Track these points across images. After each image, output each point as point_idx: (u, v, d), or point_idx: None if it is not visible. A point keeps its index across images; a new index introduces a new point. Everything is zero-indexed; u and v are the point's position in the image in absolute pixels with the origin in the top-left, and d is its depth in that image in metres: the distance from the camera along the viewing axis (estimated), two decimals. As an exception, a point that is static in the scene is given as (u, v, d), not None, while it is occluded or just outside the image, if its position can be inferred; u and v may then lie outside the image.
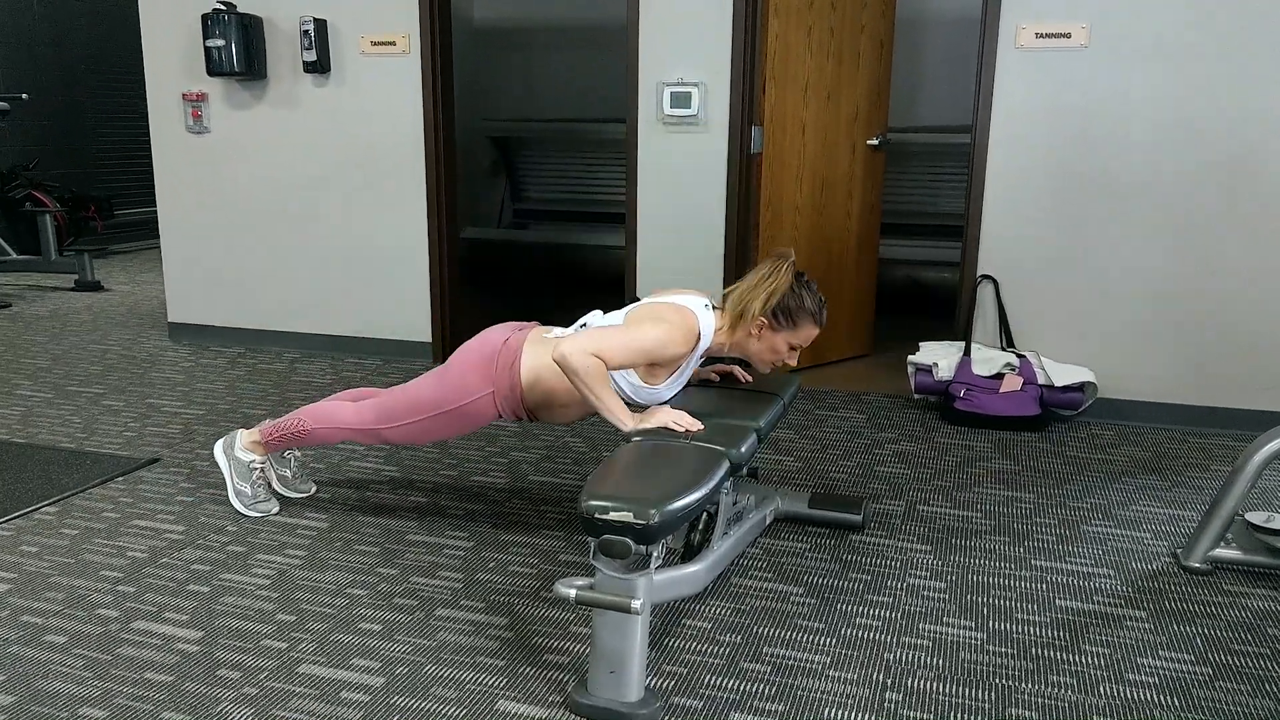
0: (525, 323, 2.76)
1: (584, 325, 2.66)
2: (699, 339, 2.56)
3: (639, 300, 2.68)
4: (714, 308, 2.66)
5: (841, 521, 2.94)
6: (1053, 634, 2.36)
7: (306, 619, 2.40)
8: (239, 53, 4.77)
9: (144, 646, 2.27)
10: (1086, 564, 2.74)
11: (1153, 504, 3.18)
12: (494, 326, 2.75)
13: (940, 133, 5.98)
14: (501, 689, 2.12)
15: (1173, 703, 2.09)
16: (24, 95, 7.97)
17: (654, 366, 2.55)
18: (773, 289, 2.56)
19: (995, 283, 4.12)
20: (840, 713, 2.05)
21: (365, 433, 2.82)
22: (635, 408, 2.56)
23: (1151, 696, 2.11)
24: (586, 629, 2.36)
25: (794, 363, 2.70)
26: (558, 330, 2.69)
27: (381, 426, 2.78)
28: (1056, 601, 2.53)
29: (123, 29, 9.27)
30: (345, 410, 2.85)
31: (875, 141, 4.78)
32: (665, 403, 2.61)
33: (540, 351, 2.63)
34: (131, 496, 3.16)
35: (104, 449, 3.60)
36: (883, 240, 5.64)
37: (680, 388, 2.69)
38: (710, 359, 2.91)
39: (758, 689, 2.13)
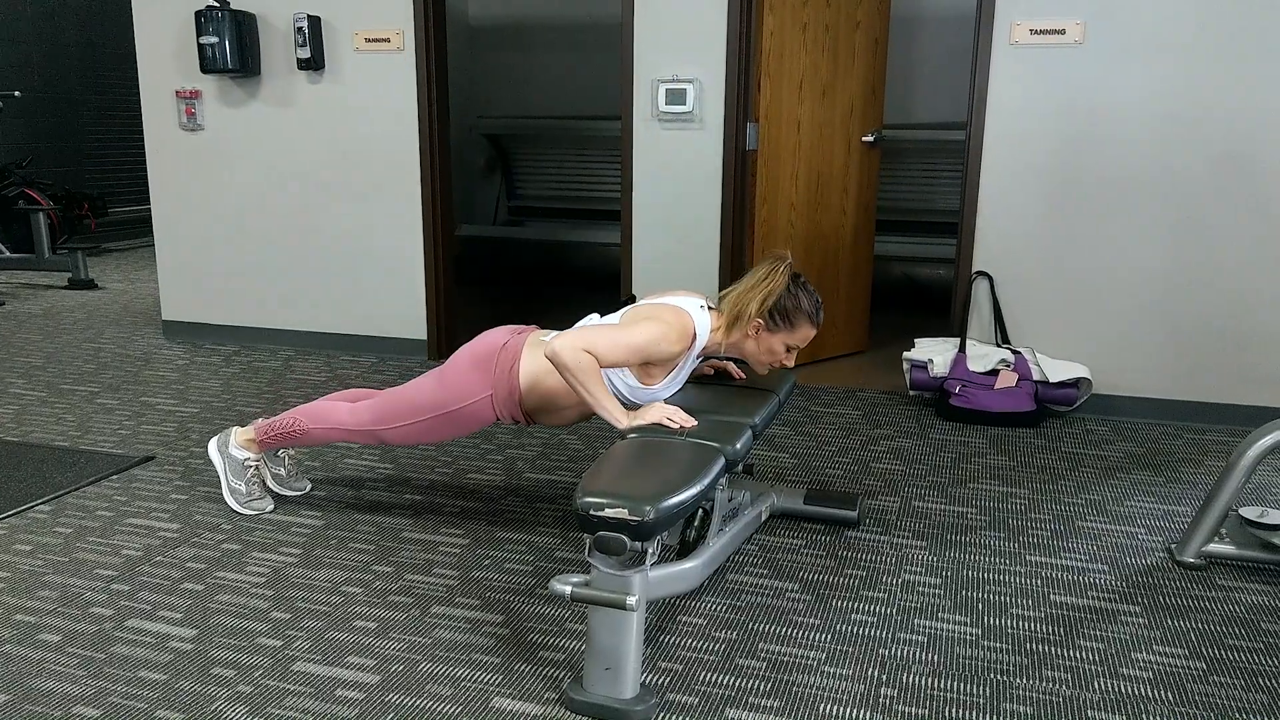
0: (524, 326, 2.76)
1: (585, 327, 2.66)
2: (694, 338, 2.56)
3: (636, 300, 2.67)
4: (709, 308, 2.66)
5: (837, 518, 2.94)
6: (1048, 629, 2.37)
7: (301, 617, 2.40)
8: (232, 50, 4.76)
9: (138, 645, 2.27)
10: (1081, 559, 2.75)
11: (1147, 499, 3.19)
12: (493, 329, 2.75)
13: (935, 129, 5.99)
14: (497, 686, 2.12)
15: (1167, 697, 2.10)
16: (16, 93, 7.95)
17: (649, 366, 2.55)
18: (769, 290, 2.56)
19: (990, 279, 4.12)
20: (836, 708, 2.05)
21: (362, 434, 2.81)
22: (631, 407, 2.56)
23: (1146, 691, 2.12)
24: (582, 626, 2.36)
25: (791, 363, 2.69)
26: (554, 333, 2.69)
27: (379, 428, 2.78)
28: (1051, 597, 2.53)
29: (116, 26, 9.25)
30: (341, 411, 2.84)
31: (870, 138, 4.78)
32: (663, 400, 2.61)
33: (538, 354, 2.62)
34: (126, 495, 3.15)
35: (98, 447, 3.60)
36: (878, 237, 5.65)
37: (678, 388, 2.69)
38: (706, 357, 2.91)
39: (753, 685, 2.13)
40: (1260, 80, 3.70)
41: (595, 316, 2.67)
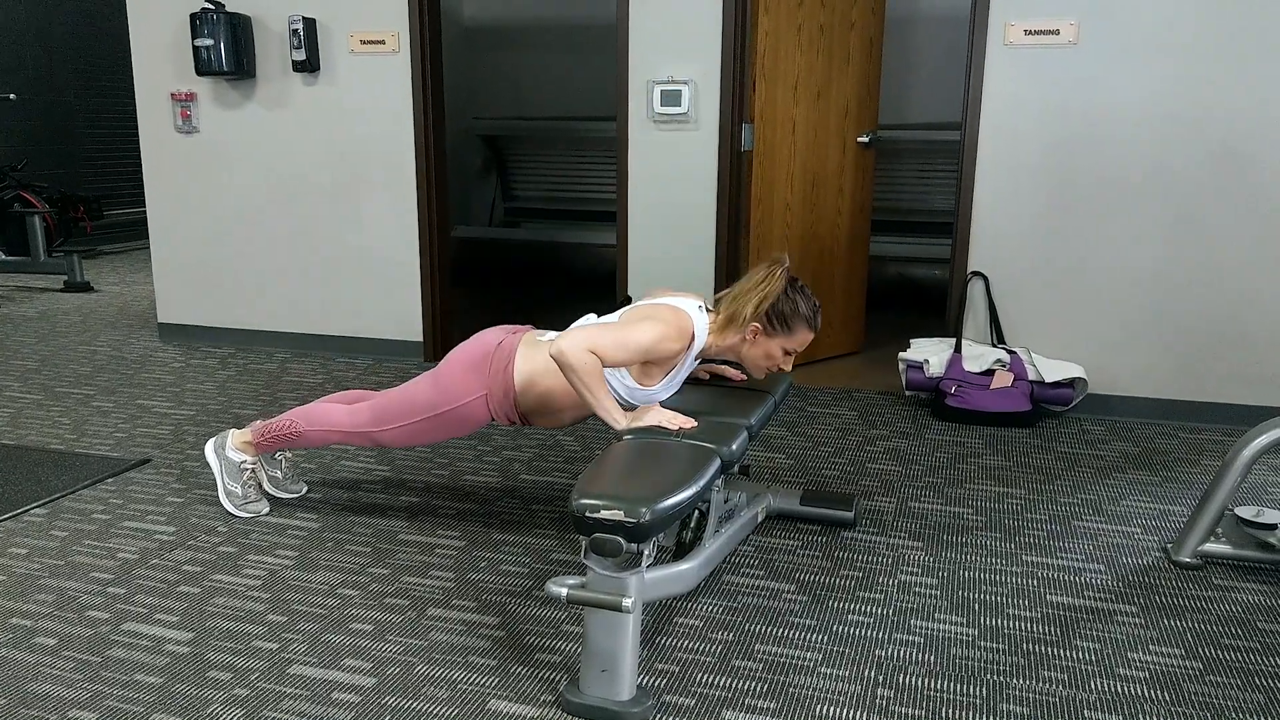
0: (519, 326, 2.76)
1: (583, 328, 2.66)
2: (693, 339, 2.56)
3: (631, 301, 2.68)
4: (706, 310, 2.66)
5: (833, 518, 2.94)
6: (1044, 629, 2.37)
7: (297, 619, 2.40)
8: (228, 52, 4.75)
9: (134, 648, 2.27)
10: (1077, 559, 2.75)
11: (1143, 499, 3.19)
12: (488, 329, 2.75)
13: (930, 130, 6.00)
14: (493, 688, 2.12)
15: (1163, 697, 2.10)
16: (11, 96, 7.94)
17: (648, 366, 2.55)
18: (766, 293, 2.55)
19: (986, 279, 4.13)
20: (832, 709, 2.05)
21: (358, 435, 2.81)
22: (629, 408, 2.56)
23: (1142, 691, 2.12)
24: (578, 628, 2.36)
25: (788, 368, 2.69)
26: (551, 334, 2.69)
27: (375, 429, 2.78)
28: (1047, 597, 2.53)
29: (111, 29, 9.24)
30: (338, 413, 2.83)
31: (865, 139, 4.78)
32: (660, 404, 2.61)
33: (534, 354, 2.63)
34: (121, 498, 3.15)
35: (94, 450, 3.59)
36: (874, 237, 5.66)
37: (675, 390, 2.69)
38: (703, 360, 2.90)
39: (750, 686, 2.13)
40: (1256, 79, 3.71)
41: (592, 317, 2.67)
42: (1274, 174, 3.75)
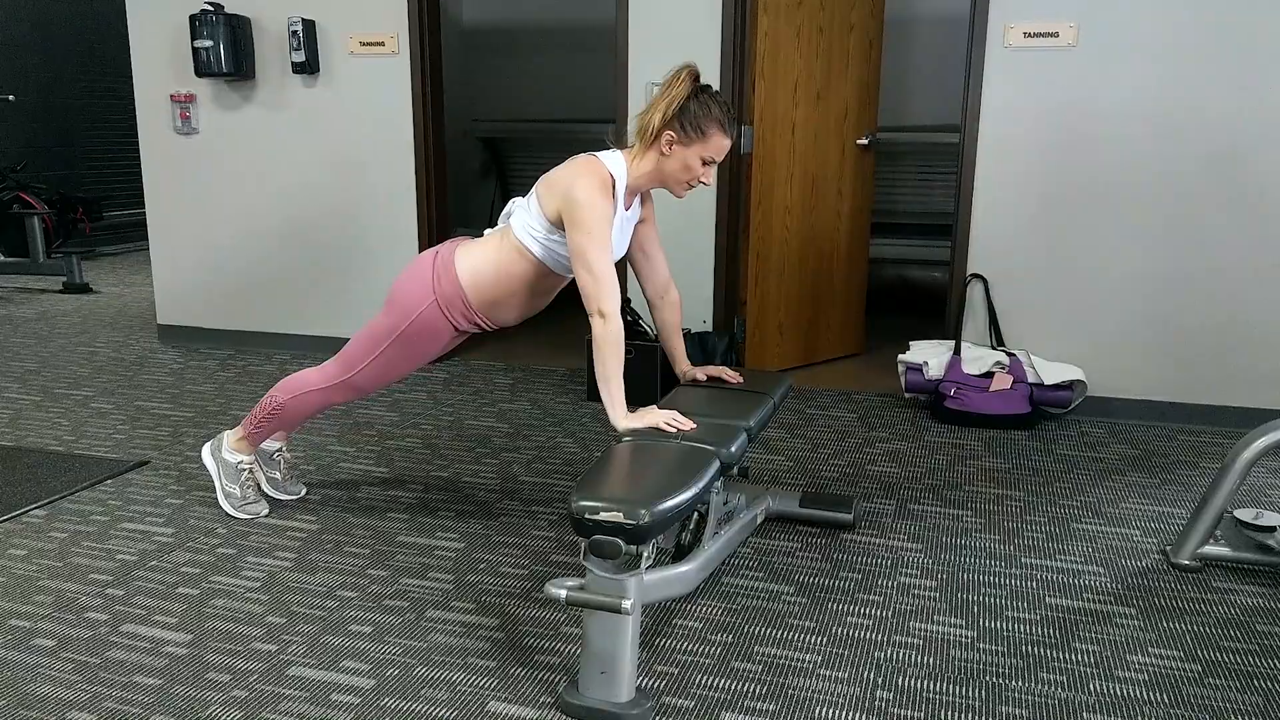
0: (458, 238, 2.79)
1: (510, 215, 2.69)
2: (613, 181, 2.53)
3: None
4: (623, 149, 2.62)
5: (832, 520, 2.94)
6: (1043, 631, 2.37)
7: (296, 621, 2.40)
8: (227, 53, 4.76)
9: (133, 650, 2.26)
10: (1076, 561, 2.75)
11: (1142, 501, 3.19)
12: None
13: (930, 132, 6.00)
14: (492, 690, 2.12)
15: (1162, 699, 2.10)
16: (11, 97, 7.94)
17: None
18: (672, 97, 2.49)
19: (985, 281, 4.13)
20: (831, 711, 2.05)
21: (335, 388, 2.83)
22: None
23: (1141, 693, 2.12)
24: (578, 629, 2.36)
25: (709, 181, 2.60)
26: (488, 231, 2.72)
27: (348, 375, 2.80)
28: (1046, 599, 2.53)
29: (110, 30, 9.24)
30: (310, 374, 2.88)
31: (865, 141, 4.78)
32: (654, 406, 2.60)
33: (472, 251, 2.66)
34: (120, 499, 3.15)
35: (93, 452, 3.59)
36: (873, 239, 5.65)
37: (624, 237, 2.65)
38: (643, 195, 2.74)
39: (749, 688, 2.13)
40: (1255, 80, 3.71)
41: (519, 199, 2.69)
42: (1273, 176, 3.76)
